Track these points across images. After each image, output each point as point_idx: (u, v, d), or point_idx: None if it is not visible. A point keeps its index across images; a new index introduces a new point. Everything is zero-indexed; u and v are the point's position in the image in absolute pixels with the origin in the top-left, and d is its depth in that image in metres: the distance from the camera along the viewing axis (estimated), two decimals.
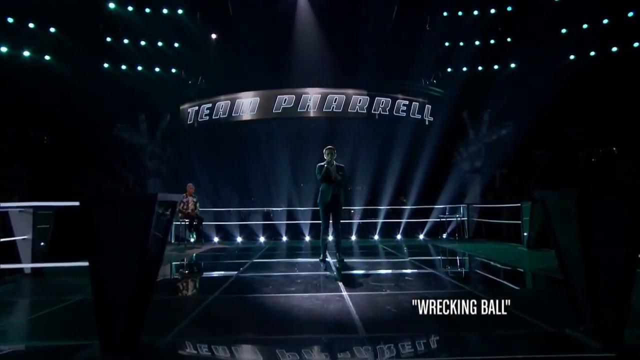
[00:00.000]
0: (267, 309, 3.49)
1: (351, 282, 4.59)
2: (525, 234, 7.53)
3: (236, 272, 5.43)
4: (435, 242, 9.29)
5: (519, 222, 7.89)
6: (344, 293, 3.99)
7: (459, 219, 9.89)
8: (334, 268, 5.69)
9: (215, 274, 5.85)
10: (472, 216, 10.13)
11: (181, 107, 14.16)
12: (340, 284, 4.51)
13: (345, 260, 6.13)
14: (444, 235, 10.18)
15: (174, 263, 6.60)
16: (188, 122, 14.05)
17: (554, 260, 2.73)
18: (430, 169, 12.20)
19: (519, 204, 7.96)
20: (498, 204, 9.75)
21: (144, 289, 2.39)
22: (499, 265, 6.02)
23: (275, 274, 5.39)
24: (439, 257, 7.24)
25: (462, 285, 4.39)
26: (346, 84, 13.46)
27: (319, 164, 6.02)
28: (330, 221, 6.14)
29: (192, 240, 8.95)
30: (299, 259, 6.87)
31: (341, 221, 6.38)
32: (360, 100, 13.51)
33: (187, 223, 8.82)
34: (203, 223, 9.22)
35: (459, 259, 6.96)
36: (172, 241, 9.37)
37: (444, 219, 9.99)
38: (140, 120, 12.78)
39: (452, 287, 4.38)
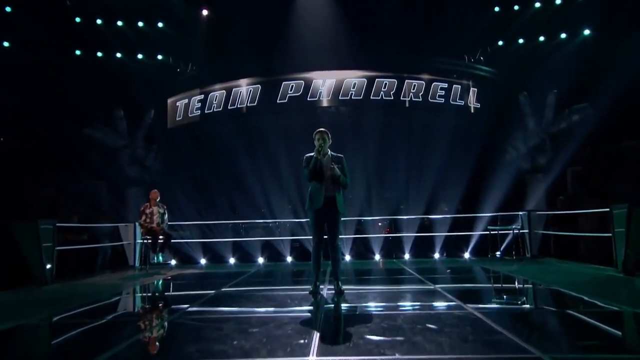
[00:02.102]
0: None
1: (342, 335, 3.26)
2: (620, 252, 5.93)
3: (184, 308, 4.10)
4: (485, 264, 7.93)
5: (609, 234, 6.28)
6: None
7: (517, 231, 8.35)
8: (322, 306, 4.35)
9: (141, 316, 4.55)
10: (536, 227, 8.60)
11: (169, 101, 13.63)
12: (319, 339, 3.06)
13: (345, 290, 4.89)
14: (497, 254, 8.82)
15: (99, 302, 5.35)
16: (177, 119, 13.49)
17: None
18: (477, 168, 11.35)
19: (607, 210, 6.35)
20: (572, 211, 8.24)
21: None
22: (597, 306, 4.34)
23: (232, 315, 4.04)
24: (492, 287, 5.85)
25: (534, 352, 2.80)
26: (367, 65, 12.70)
27: (307, 155, 4.94)
28: (325, 236, 4.97)
29: (156, 262, 7.87)
30: (285, 288, 5.70)
31: (358, 236, 5.18)
32: (385, 84, 12.64)
33: (149, 241, 7.76)
34: (172, 240, 8.20)
35: (523, 292, 5.42)
36: (136, 264, 8.40)
37: (496, 232, 8.50)
38: (118, 118, 12.21)
39: (520, 352, 2.80)
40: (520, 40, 13.00)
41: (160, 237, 7.80)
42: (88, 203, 9.94)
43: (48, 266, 6.07)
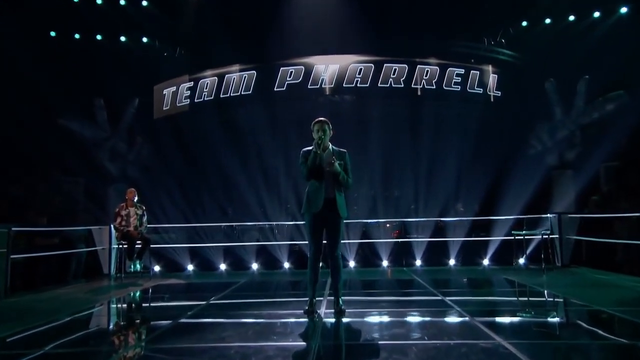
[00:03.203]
0: None
1: None
2: None
3: (148, 338, 3.58)
4: (509, 274, 7.46)
5: None
6: None
7: (545, 236, 7.86)
8: (318, 332, 3.85)
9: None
10: (568, 232, 8.16)
11: (154, 88, 13.11)
12: None
13: (347, 309, 4.45)
14: (521, 261, 8.38)
15: (47, 325, 4.86)
16: (164, 108, 12.98)
17: None
18: (497, 164, 11.01)
19: None
20: (610, 214, 7.82)
21: None
22: None
23: (207, 345, 3.51)
24: (522, 307, 5.34)
25: None
26: (374, 49, 12.13)
27: (305, 149, 4.64)
28: (325, 241, 4.62)
29: (133, 270, 7.48)
30: (277, 304, 5.16)
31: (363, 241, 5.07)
32: (395, 70, 12.11)
33: (126, 246, 7.38)
34: (151, 245, 7.79)
35: (563, 314, 4.86)
36: (112, 272, 8.03)
37: (521, 237, 8.05)
38: (98, 107, 11.88)
39: None
40: (547, 20, 12.49)
41: (138, 242, 7.41)
42: (61, 203, 9.47)
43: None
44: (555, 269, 7.88)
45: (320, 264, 4.61)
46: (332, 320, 4.24)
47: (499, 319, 4.48)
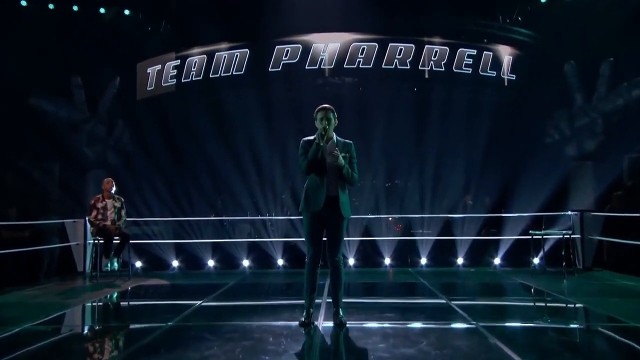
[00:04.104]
0: None
1: None
2: None
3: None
4: (525, 277, 7.21)
5: None
6: None
7: (567, 236, 7.68)
8: (316, 353, 3.58)
9: None
10: (590, 232, 7.98)
11: (138, 66, 12.96)
12: None
13: (348, 323, 4.26)
14: (535, 261, 8.19)
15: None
16: (148, 88, 12.84)
17: None
18: (510, 154, 11.14)
19: None
20: (633, 212, 7.55)
21: None
22: None
23: None
24: (547, 320, 4.96)
25: None
26: (379, 27, 11.98)
27: (305, 139, 4.43)
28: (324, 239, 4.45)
29: (110, 269, 7.23)
30: (269, 312, 4.84)
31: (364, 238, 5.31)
32: (401, 50, 11.95)
33: (102, 242, 7.12)
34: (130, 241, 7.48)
35: (601, 337, 4.50)
36: (87, 270, 7.76)
37: (539, 236, 7.83)
38: (75, 86, 11.54)
39: None
40: None
41: (116, 237, 7.16)
42: (31, 192, 9.20)
43: None
44: (577, 273, 7.69)
45: (320, 264, 4.39)
46: (332, 334, 4.00)
47: (523, 340, 4.16)
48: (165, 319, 4.56)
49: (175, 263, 8.65)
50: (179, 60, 12.56)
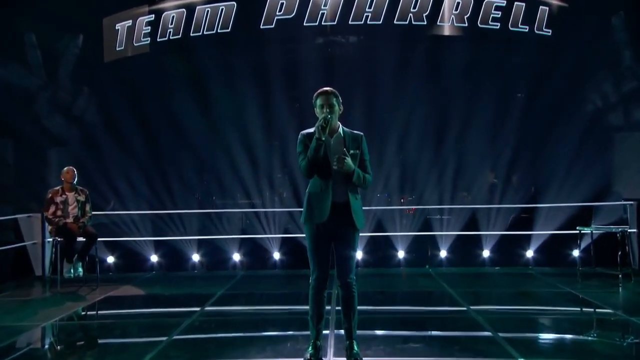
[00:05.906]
0: None
1: None
2: None
3: None
4: (573, 286, 6.96)
5: None
6: None
7: (624, 231, 7.47)
8: None
9: None
10: None
11: (104, 22, 12.55)
12: None
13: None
14: (575, 253, 8.10)
15: None
16: (117, 49, 12.48)
17: None
18: (544, 124, 10.94)
19: None
20: None
21: None
22: None
23: None
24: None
25: None
26: None
27: (304, 132, 4.04)
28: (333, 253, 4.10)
29: (73, 275, 6.93)
30: (265, 341, 4.55)
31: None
32: (416, 2, 11.53)
33: (62, 242, 6.91)
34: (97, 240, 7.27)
35: None
36: (46, 273, 7.58)
37: (589, 232, 7.62)
38: (29, 45, 11.28)
39: None
40: None
41: (80, 238, 6.93)
42: None
43: None
44: (635, 277, 7.48)
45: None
46: None
47: None
48: (137, 355, 4.15)
49: (154, 257, 8.55)
50: (153, 15, 12.16)
